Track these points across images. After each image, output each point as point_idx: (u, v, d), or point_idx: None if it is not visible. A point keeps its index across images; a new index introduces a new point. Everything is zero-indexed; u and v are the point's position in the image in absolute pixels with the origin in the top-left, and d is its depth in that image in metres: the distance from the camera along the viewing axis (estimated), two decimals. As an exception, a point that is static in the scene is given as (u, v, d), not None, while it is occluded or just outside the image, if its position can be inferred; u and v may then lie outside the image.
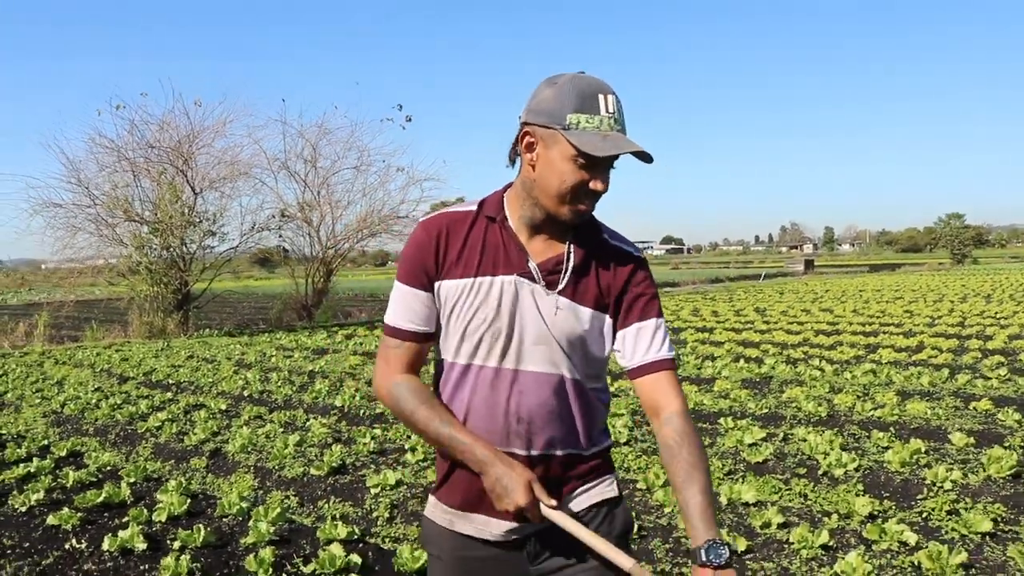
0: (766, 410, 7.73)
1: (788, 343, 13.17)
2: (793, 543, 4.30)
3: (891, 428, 6.80)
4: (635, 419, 7.45)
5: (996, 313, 16.97)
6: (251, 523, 4.76)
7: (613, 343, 1.87)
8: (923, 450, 5.92)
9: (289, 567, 4.25)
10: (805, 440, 6.34)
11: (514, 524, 1.79)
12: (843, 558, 3.99)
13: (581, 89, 1.68)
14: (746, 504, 5.02)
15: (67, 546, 4.69)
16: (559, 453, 1.81)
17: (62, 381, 11.41)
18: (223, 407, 8.81)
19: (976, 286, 27.57)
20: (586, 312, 1.81)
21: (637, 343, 1.83)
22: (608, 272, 1.85)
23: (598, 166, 1.70)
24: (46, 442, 7.41)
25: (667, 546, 4.43)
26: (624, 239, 1.93)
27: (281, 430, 7.50)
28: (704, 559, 1.61)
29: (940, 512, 4.78)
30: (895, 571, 4.00)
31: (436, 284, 1.82)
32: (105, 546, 4.55)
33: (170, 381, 11.10)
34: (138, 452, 7.09)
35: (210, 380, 10.96)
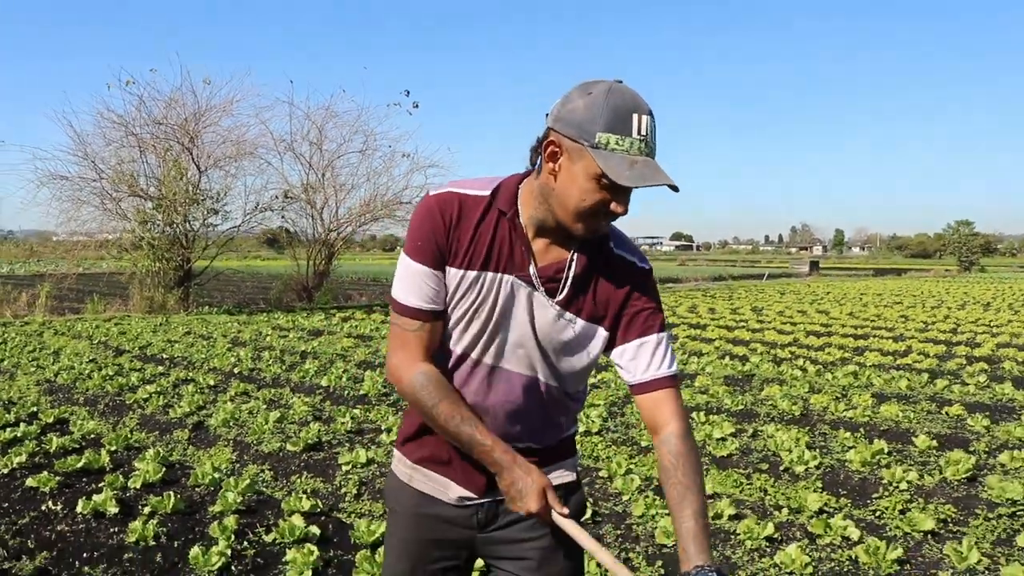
0: (742, 407, 7.86)
1: (778, 343, 13.28)
2: (739, 534, 4.44)
3: (861, 429, 6.92)
4: (611, 410, 7.59)
5: (991, 321, 17.04)
6: (220, 493, 4.92)
7: (608, 354, 1.86)
8: (886, 451, 6.05)
9: (251, 535, 4.41)
10: (772, 437, 6.47)
11: (469, 492, 1.86)
12: (784, 550, 4.13)
13: (616, 105, 1.60)
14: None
15: (43, 507, 4.87)
16: (520, 446, 1.83)
17: (59, 351, 11.60)
18: (212, 383, 8.99)
19: (978, 294, 27.57)
20: (579, 323, 1.79)
21: (638, 360, 1.80)
22: (609, 284, 1.81)
23: (621, 190, 1.65)
24: (35, 409, 7.59)
25: (618, 532, 4.58)
26: (631, 247, 1.88)
27: (264, 407, 7.66)
28: None
29: (893, 511, 4.90)
30: (833, 564, 4.13)
31: (448, 270, 1.78)
32: (79, 508, 4.73)
33: (164, 356, 11.28)
34: (124, 422, 7.26)
35: (203, 356, 11.13)
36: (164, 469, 5.44)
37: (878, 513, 4.91)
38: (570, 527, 1.76)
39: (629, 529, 4.62)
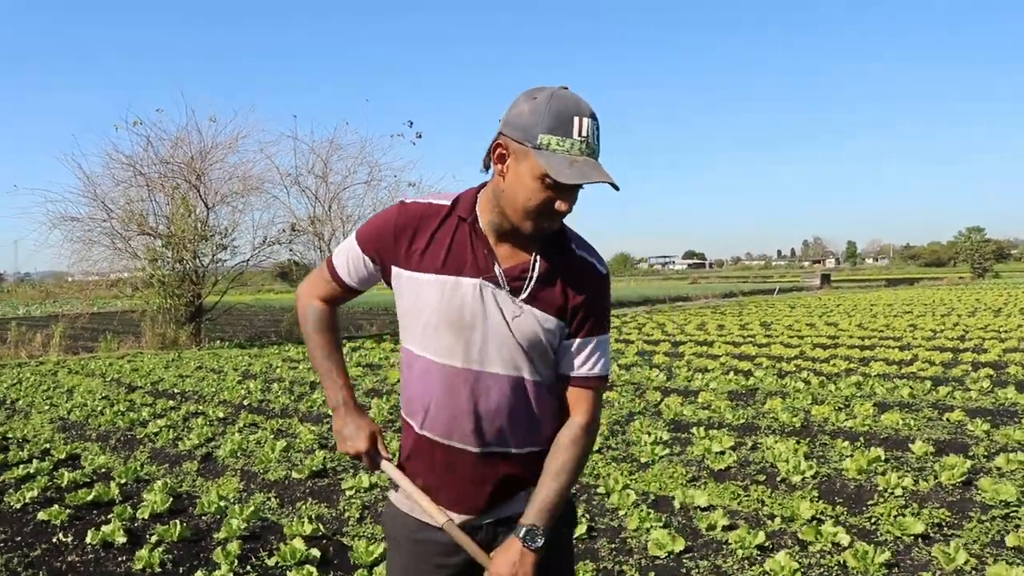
0: (743, 420, 7.93)
1: (784, 356, 13.33)
2: (731, 543, 4.53)
3: (861, 438, 6.98)
4: (613, 428, 7.69)
5: (1000, 327, 17.02)
6: (225, 520, 5.04)
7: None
8: (883, 458, 6.11)
9: (254, 559, 4.54)
10: (771, 449, 6.55)
11: (462, 515, 1.94)
12: (773, 557, 4.22)
13: (558, 110, 1.71)
14: (698, 508, 5.24)
15: (54, 539, 5.01)
16: (514, 451, 1.92)
17: (72, 389, 11.79)
18: (221, 415, 9.13)
19: (990, 300, 27.48)
20: (549, 319, 1.88)
21: (577, 356, 1.93)
22: (571, 283, 1.90)
23: (565, 188, 1.74)
24: (48, 446, 7.76)
25: (612, 546, 4.67)
26: (590, 249, 1.98)
27: (272, 436, 7.79)
28: (521, 535, 1.84)
29: (888, 516, 4.97)
30: (822, 570, 4.21)
31: (393, 268, 1.93)
32: (88, 539, 4.86)
33: (175, 390, 11.45)
34: (135, 456, 7.41)
35: (214, 389, 11.29)
36: (171, 499, 5.58)
37: (873, 520, 4.99)
38: (393, 473, 1.99)
39: (623, 542, 4.71)
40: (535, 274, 1.87)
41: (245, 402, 10.13)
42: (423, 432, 1.94)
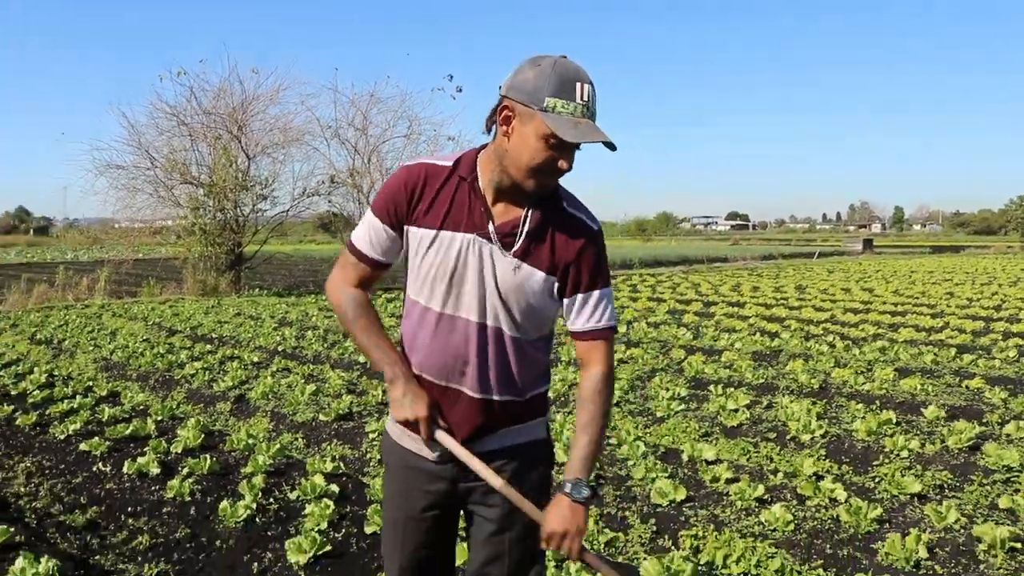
0: (762, 380, 8.05)
1: (814, 319, 13.34)
2: (731, 495, 4.70)
3: (877, 401, 7.07)
4: (633, 383, 7.86)
5: (1039, 297, 16.80)
6: (252, 456, 5.33)
7: (560, 304, 2.10)
8: (894, 421, 6.21)
9: (277, 492, 4.82)
10: (785, 408, 6.68)
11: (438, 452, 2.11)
12: (769, 509, 4.39)
13: (561, 75, 1.85)
14: (705, 461, 5.41)
15: (94, 468, 5.36)
16: (496, 398, 2.07)
17: (115, 332, 12.23)
18: (256, 359, 9.46)
19: (1035, 270, 27.01)
20: (537, 274, 2.01)
21: (582, 312, 2.07)
22: (564, 240, 2.02)
23: (566, 148, 1.89)
24: (91, 383, 8.14)
25: (617, 493, 4.87)
26: (582, 207, 2.10)
27: (303, 381, 8.08)
28: (567, 491, 2.00)
29: (891, 477, 5.10)
30: (816, 523, 4.37)
31: (405, 228, 2.06)
32: (125, 469, 5.20)
33: (213, 335, 11.83)
34: (172, 395, 7.75)
35: (250, 335, 11.64)
36: (204, 436, 5.88)
37: (876, 479, 5.12)
38: (447, 440, 2.06)
39: (628, 490, 4.90)
40: (525, 229, 2.00)
41: (280, 348, 10.45)
42: (420, 373, 2.11)
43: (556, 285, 2.06)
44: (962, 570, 3.84)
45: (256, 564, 3.94)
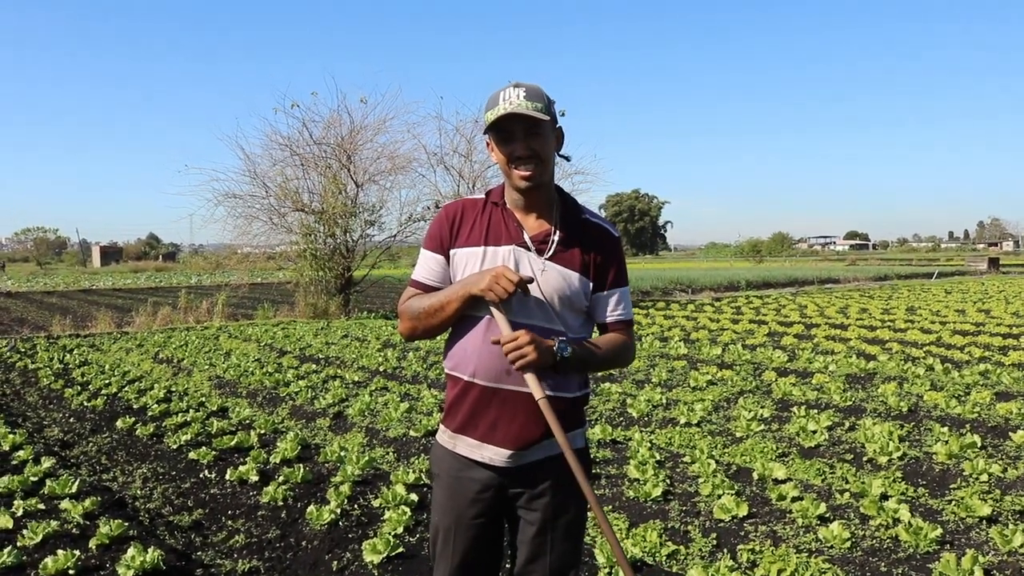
0: (850, 403, 7.99)
1: (918, 342, 13.02)
2: (793, 512, 4.79)
3: (967, 425, 6.95)
4: (718, 404, 7.95)
5: None
6: (342, 467, 5.72)
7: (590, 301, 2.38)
8: (978, 445, 6.13)
9: (361, 500, 5.19)
10: (867, 430, 6.65)
11: (502, 448, 2.28)
12: (827, 527, 4.47)
13: (491, 96, 2.25)
14: (774, 480, 5.50)
15: (201, 475, 5.88)
16: (548, 393, 2.21)
17: (230, 352, 13.04)
18: (357, 379, 9.97)
19: None
20: (572, 274, 2.31)
21: (608, 305, 2.40)
22: (591, 243, 2.36)
23: (513, 139, 2.23)
24: (203, 399, 8.80)
25: (683, 508, 5.04)
26: (601, 217, 2.47)
27: (398, 399, 8.50)
28: (556, 340, 2.22)
29: (971, 499, 5.07)
30: (874, 541, 4.42)
31: (452, 252, 2.35)
32: (227, 476, 5.69)
33: (320, 355, 12.47)
34: (277, 411, 8.30)
35: (354, 356, 12.22)
36: (300, 448, 6.34)
37: (953, 502, 5.09)
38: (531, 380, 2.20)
39: (694, 505, 5.06)
40: (556, 237, 2.33)
41: (381, 368, 10.95)
42: (472, 379, 2.30)
43: (589, 283, 2.35)
44: (1021, 591, 3.84)
45: (336, 563, 4.29)
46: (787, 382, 9.04)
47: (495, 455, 2.31)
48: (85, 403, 8.83)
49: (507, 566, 2.56)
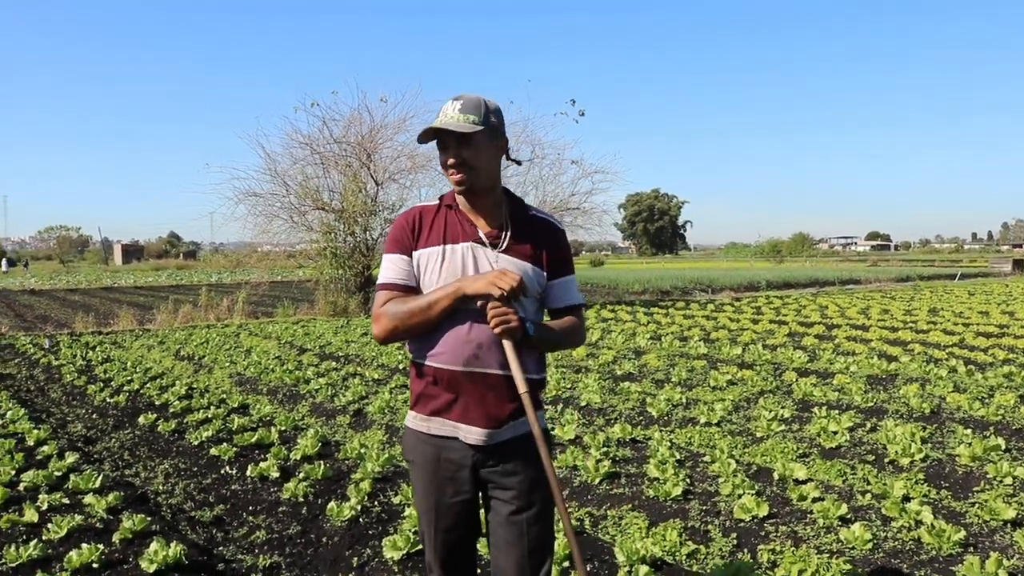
0: (872, 404, 7.93)
1: (940, 343, 12.89)
2: (814, 513, 4.76)
3: (990, 428, 6.89)
4: (738, 404, 7.92)
5: None
6: (362, 464, 5.75)
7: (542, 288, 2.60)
8: (1002, 447, 6.06)
9: (382, 497, 5.22)
10: (888, 432, 6.60)
11: (478, 427, 2.44)
12: (849, 528, 4.44)
13: (441, 107, 2.52)
14: (795, 480, 5.47)
15: (222, 471, 5.92)
16: (503, 373, 2.43)
17: (250, 349, 13.13)
18: (376, 376, 10.01)
19: None
20: (525, 265, 2.52)
21: (559, 292, 2.63)
22: (539, 236, 2.59)
23: (447, 148, 2.47)
24: (224, 396, 8.86)
25: (703, 508, 5.02)
26: (545, 213, 2.70)
27: (416, 397, 8.51)
28: (526, 324, 2.43)
29: (995, 502, 5.02)
30: (896, 543, 4.39)
31: (415, 253, 2.52)
32: (248, 472, 5.73)
33: (340, 353, 12.52)
34: (297, 408, 8.35)
35: (374, 354, 12.25)
36: (321, 445, 6.38)
37: (973, 504, 5.05)
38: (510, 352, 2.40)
39: (714, 504, 5.04)
40: (508, 232, 2.54)
41: (400, 366, 10.98)
42: (440, 365, 2.45)
43: (543, 273, 2.57)
44: (1046, 595, 3.80)
45: (356, 559, 4.32)
46: (808, 382, 8.98)
47: (469, 434, 2.46)
48: (108, 399, 8.92)
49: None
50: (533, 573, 2.51)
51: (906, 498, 5.03)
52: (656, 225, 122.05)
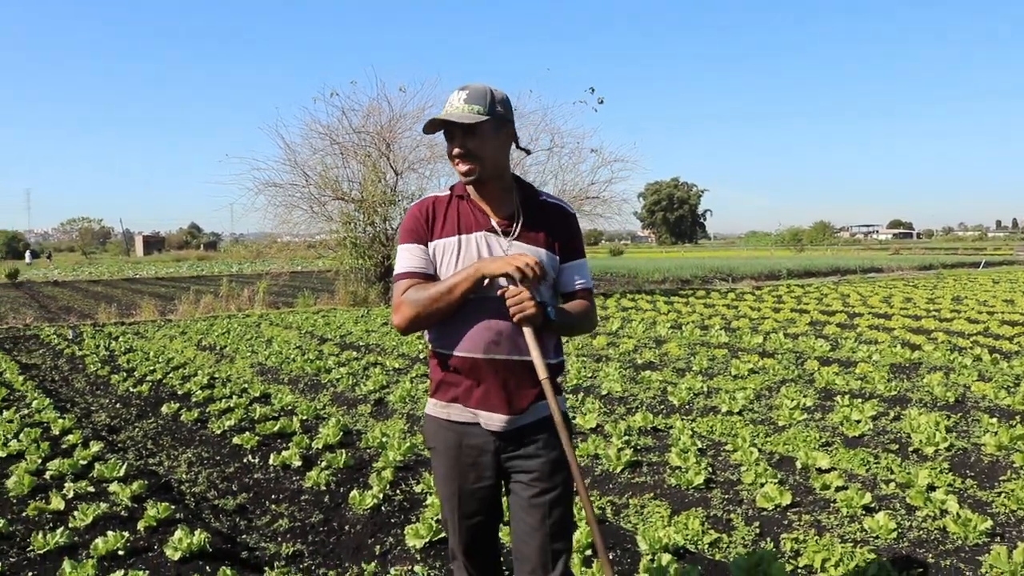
0: (895, 392, 7.86)
1: (965, 332, 12.76)
2: (838, 502, 4.73)
3: (1017, 417, 6.81)
4: (760, 393, 7.87)
5: None
6: (384, 453, 5.77)
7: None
8: (1028, 436, 5.99)
9: (403, 485, 5.23)
10: (912, 420, 6.54)
11: (497, 413, 2.45)
12: (873, 517, 4.41)
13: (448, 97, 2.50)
14: (818, 469, 5.43)
15: (245, 460, 5.96)
16: (523, 359, 2.45)
17: (271, 339, 13.19)
18: (397, 366, 10.03)
19: None
20: (540, 251, 2.53)
21: (570, 275, 2.63)
22: (552, 222, 2.60)
23: (452, 139, 2.47)
24: (246, 385, 8.92)
25: (726, 496, 5.00)
26: (556, 198, 2.70)
27: (437, 386, 8.53)
28: (546, 309, 2.43)
29: (1021, 492, 4.96)
30: (921, 532, 4.35)
31: (431, 244, 2.52)
32: (271, 461, 5.76)
33: (360, 343, 12.57)
34: (318, 398, 8.39)
35: (394, 343, 12.29)
36: (342, 434, 6.40)
37: (999, 493, 5.00)
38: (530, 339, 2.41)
39: (736, 493, 5.02)
40: (520, 220, 2.55)
41: (421, 355, 11.00)
42: (460, 353, 2.46)
43: (556, 257, 2.58)
44: (1074, 585, 3.75)
45: (379, 547, 4.33)
46: (830, 371, 8.92)
47: (490, 420, 2.48)
48: (131, 389, 9.00)
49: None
50: (555, 558, 2.51)
51: (931, 487, 4.98)
52: (676, 214, 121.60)
